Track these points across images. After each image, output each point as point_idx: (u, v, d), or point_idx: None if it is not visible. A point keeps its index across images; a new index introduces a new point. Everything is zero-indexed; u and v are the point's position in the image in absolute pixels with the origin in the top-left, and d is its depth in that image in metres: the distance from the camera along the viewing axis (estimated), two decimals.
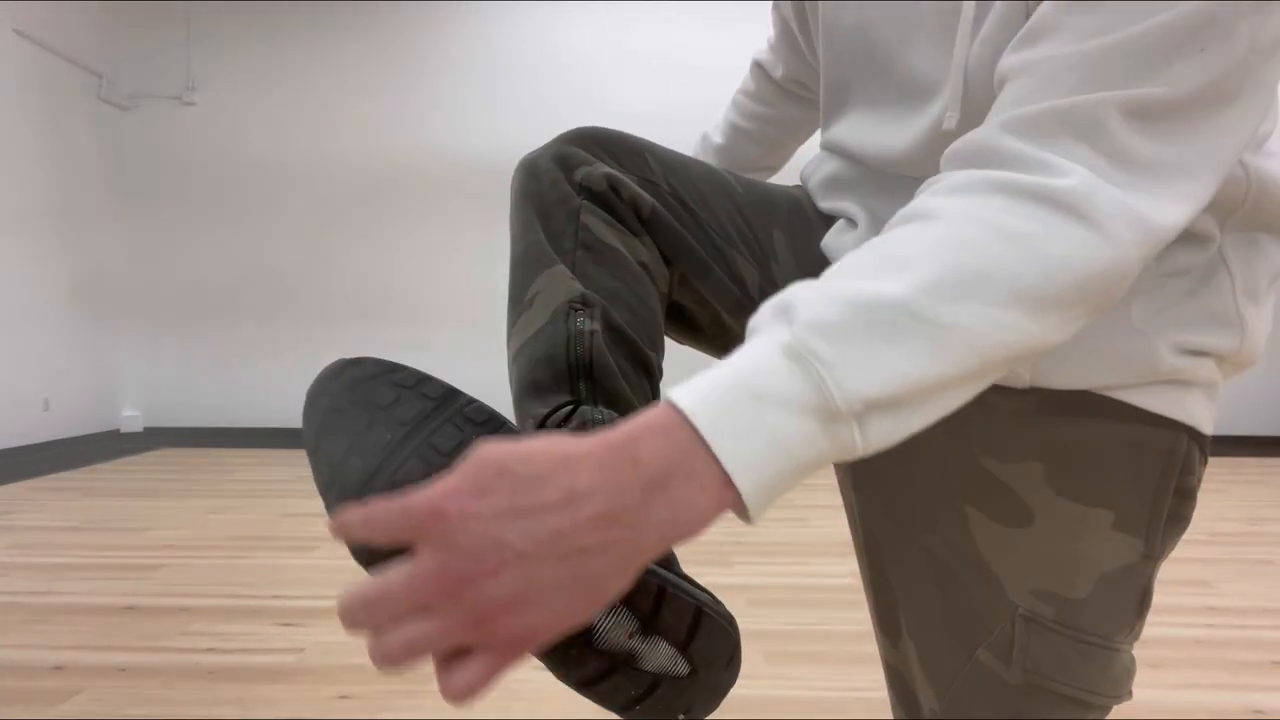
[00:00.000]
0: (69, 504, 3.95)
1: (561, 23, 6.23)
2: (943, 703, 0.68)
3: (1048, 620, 0.63)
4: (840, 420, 0.42)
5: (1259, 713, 1.80)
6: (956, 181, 0.49)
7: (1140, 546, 0.64)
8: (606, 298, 0.66)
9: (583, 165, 0.74)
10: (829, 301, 0.44)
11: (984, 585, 0.65)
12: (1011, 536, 0.64)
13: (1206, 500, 3.34)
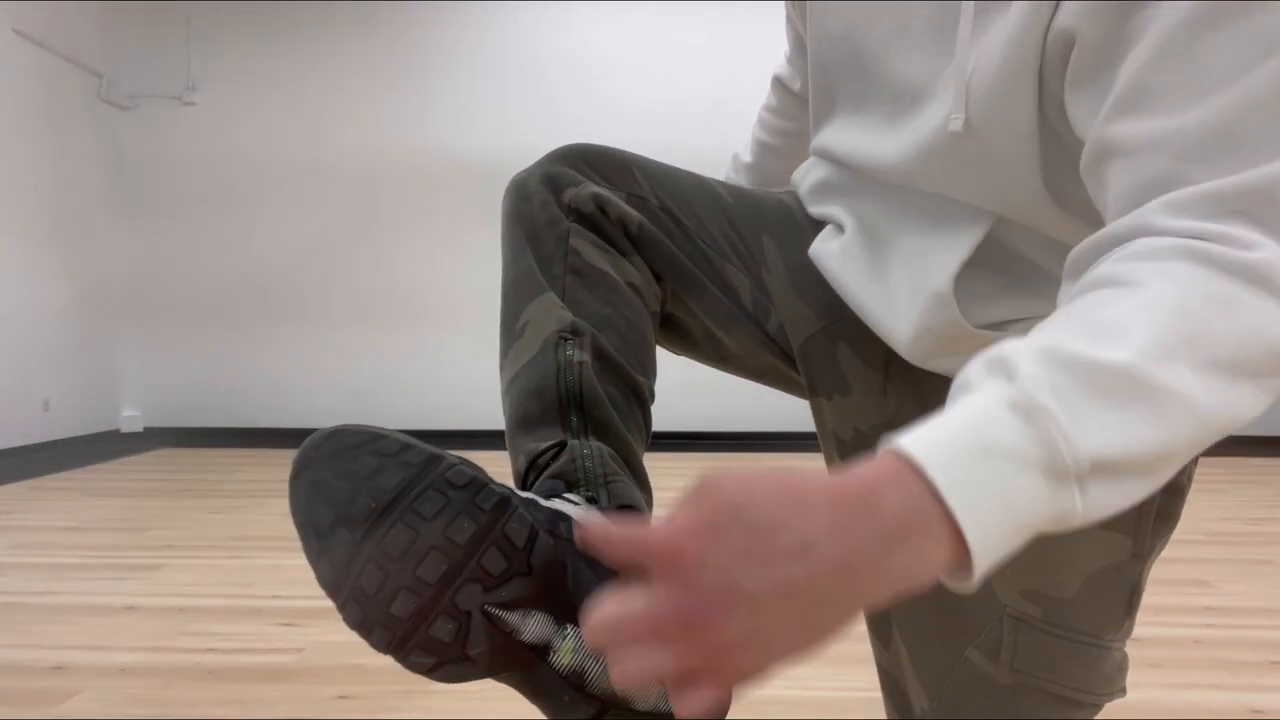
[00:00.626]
0: (69, 504, 3.95)
1: (562, 23, 6.23)
2: (934, 703, 0.67)
3: (1036, 620, 0.63)
4: (1066, 480, 0.41)
5: (1259, 713, 1.80)
6: (1140, 249, 0.47)
7: (1129, 545, 0.66)
8: (596, 324, 0.67)
9: (571, 186, 0.74)
10: (1050, 362, 0.42)
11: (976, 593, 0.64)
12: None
13: (1206, 500, 3.39)
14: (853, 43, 0.71)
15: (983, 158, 0.58)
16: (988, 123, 0.55)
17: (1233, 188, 0.45)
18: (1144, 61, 0.48)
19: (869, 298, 0.68)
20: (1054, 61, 0.53)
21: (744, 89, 6.84)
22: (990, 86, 0.56)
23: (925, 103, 0.63)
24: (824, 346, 0.76)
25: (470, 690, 1.89)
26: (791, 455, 5.62)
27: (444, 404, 6.29)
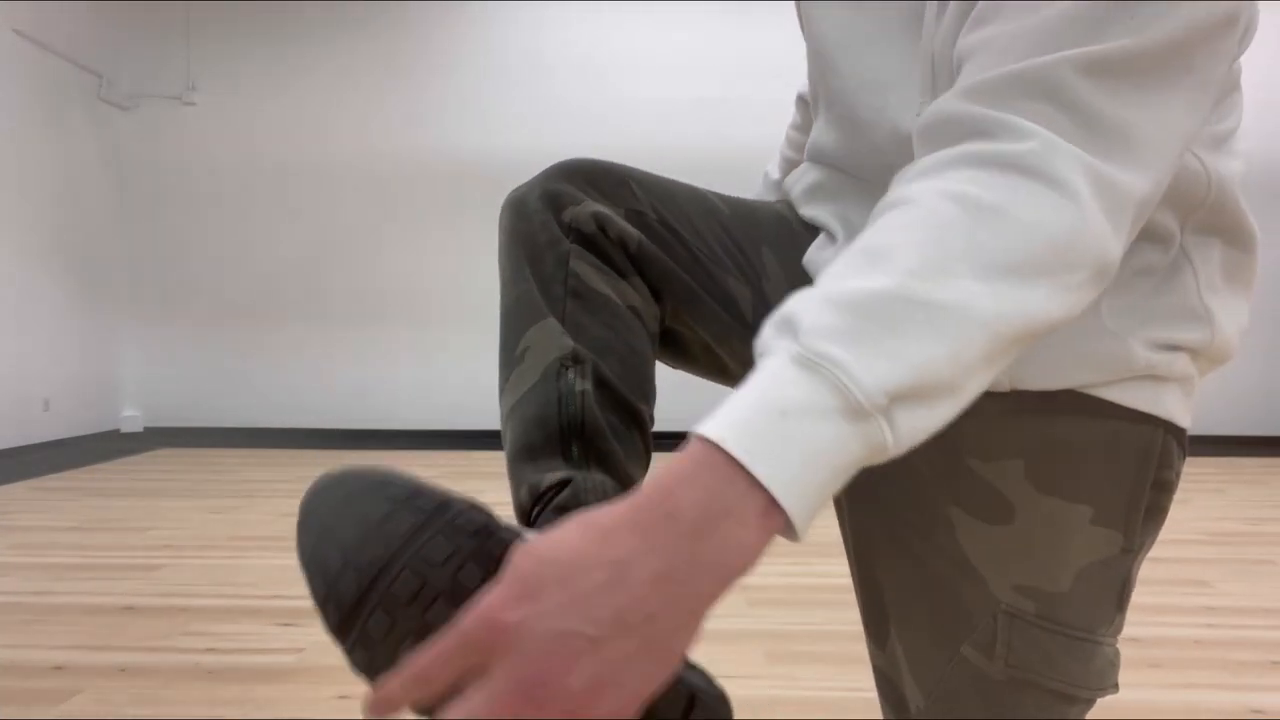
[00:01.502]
0: (69, 504, 3.95)
1: (562, 23, 6.23)
2: (929, 700, 0.68)
3: (1029, 615, 0.64)
4: (868, 418, 0.42)
5: (1259, 713, 1.81)
6: (924, 165, 0.48)
7: (1119, 540, 0.66)
8: (597, 351, 0.67)
9: (571, 204, 0.73)
10: (826, 306, 0.43)
11: (968, 583, 0.66)
12: (994, 533, 0.65)
13: (1206, 500, 3.39)
14: (834, 41, 0.73)
15: None
16: None
17: (1025, 68, 0.47)
18: None
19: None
20: None
21: (744, 89, 6.88)
22: (949, 75, 0.58)
23: (895, 94, 0.65)
24: None
25: None
26: None
27: (444, 404, 6.29)
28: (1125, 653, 2.18)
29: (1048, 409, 0.63)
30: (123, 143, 6.30)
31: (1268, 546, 3.27)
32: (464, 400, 6.28)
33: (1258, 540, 3.36)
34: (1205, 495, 4.28)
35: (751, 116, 6.10)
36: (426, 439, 6.15)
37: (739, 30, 6.14)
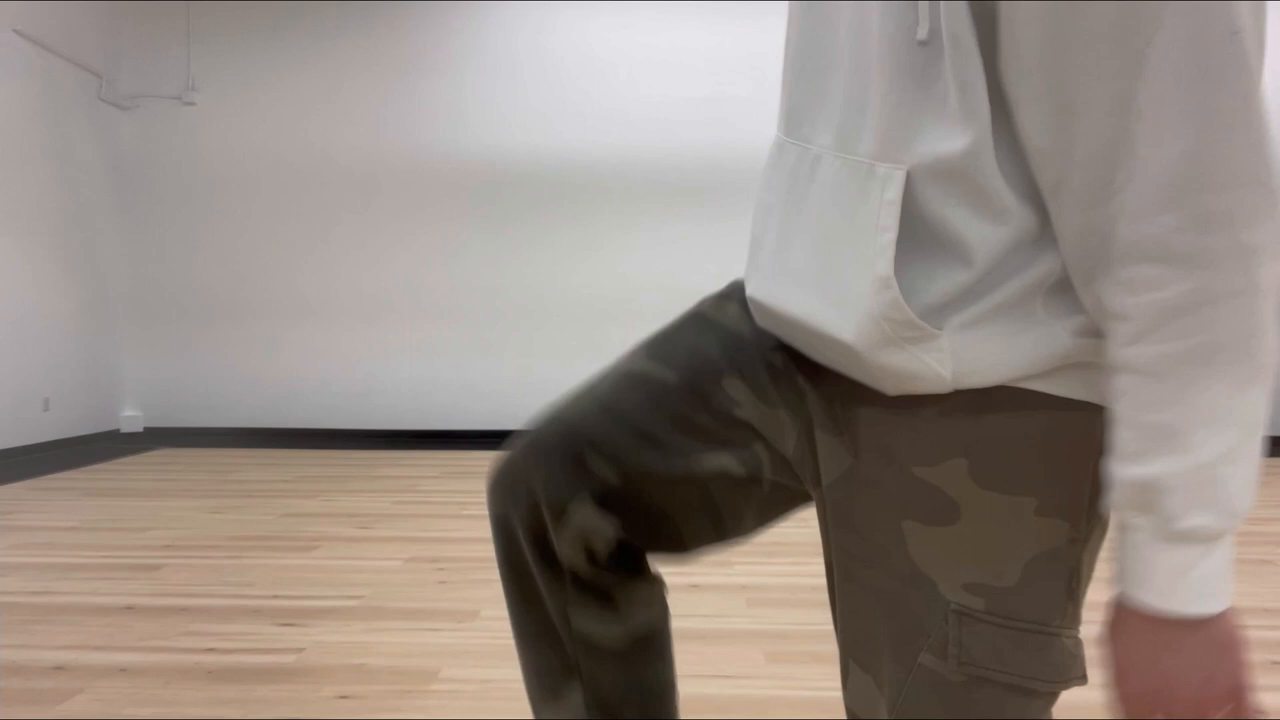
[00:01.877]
0: (69, 504, 3.95)
1: (563, 23, 6.23)
2: (895, 713, 0.67)
3: (979, 612, 0.64)
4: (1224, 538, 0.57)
5: (1259, 713, 1.80)
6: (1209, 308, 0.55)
7: (1066, 529, 0.64)
8: (619, 702, 0.77)
9: (555, 527, 0.76)
10: (1190, 485, 0.54)
11: (919, 591, 0.65)
12: (941, 535, 0.65)
13: None
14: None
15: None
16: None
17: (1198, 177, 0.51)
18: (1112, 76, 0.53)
19: (805, 309, 0.67)
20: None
21: (743, 89, 6.87)
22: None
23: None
24: (806, 443, 0.76)
25: (469, 691, 1.89)
26: None
27: (443, 404, 6.29)
28: None
29: (985, 406, 0.63)
30: (123, 143, 6.30)
31: (1268, 546, 3.27)
32: (464, 400, 6.28)
33: (1258, 540, 3.36)
34: None
35: (753, 116, 6.10)
36: (426, 439, 6.15)
37: (741, 32, 6.14)
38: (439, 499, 4.12)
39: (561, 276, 6.16)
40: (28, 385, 5.42)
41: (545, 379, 6.22)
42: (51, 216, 5.67)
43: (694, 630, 2.30)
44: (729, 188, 6.08)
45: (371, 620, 2.36)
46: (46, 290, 5.62)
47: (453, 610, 2.45)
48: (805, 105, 0.70)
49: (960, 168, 0.58)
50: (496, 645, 2.17)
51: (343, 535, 3.37)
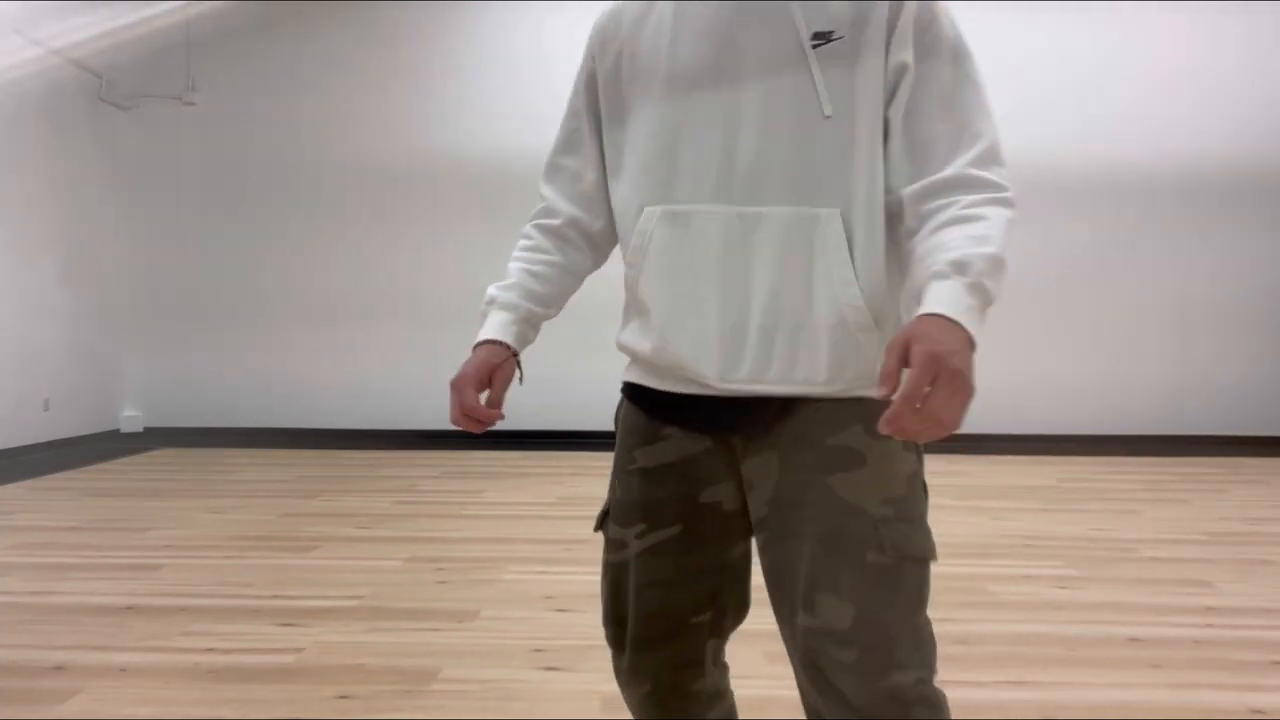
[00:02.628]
0: (69, 504, 3.95)
1: (563, 24, 6.23)
2: (857, 606, 0.92)
3: (893, 517, 0.95)
4: (989, 300, 0.89)
5: (1259, 713, 1.81)
6: (974, 200, 0.95)
7: (915, 454, 1.01)
8: None
9: (695, 679, 1.15)
10: (975, 260, 0.88)
11: (856, 518, 0.95)
12: (858, 476, 0.96)
13: (1206, 500, 3.40)
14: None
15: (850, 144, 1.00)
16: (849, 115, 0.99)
17: (986, 150, 0.98)
18: (943, 95, 1.00)
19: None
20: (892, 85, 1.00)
21: None
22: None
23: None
24: (737, 480, 1.07)
25: (469, 691, 1.90)
26: None
27: (443, 404, 6.29)
28: (1125, 653, 2.19)
29: (865, 394, 1.00)
30: (123, 143, 6.30)
31: (1268, 546, 3.27)
32: None
33: (1258, 540, 3.36)
34: (1205, 495, 4.28)
35: None
36: (426, 439, 6.15)
37: None
38: (439, 499, 4.12)
39: None
40: (28, 385, 5.43)
41: (545, 379, 6.22)
42: (52, 216, 5.67)
43: None
44: None
45: (371, 620, 2.36)
46: (46, 290, 5.62)
47: (453, 610, 2.45)
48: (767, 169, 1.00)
49: (870, 208, 1.02)
50: (496, 645, 2.18)
51: (343, 535, 3.37)
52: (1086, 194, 6.14)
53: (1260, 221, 6.15)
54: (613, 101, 1.09)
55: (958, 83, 0.99)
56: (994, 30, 6.13)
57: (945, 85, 0.99)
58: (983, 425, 6.16)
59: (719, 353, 0.98)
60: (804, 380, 0.98)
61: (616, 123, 1.09)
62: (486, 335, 1.09)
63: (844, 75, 0.98)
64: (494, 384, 1.08)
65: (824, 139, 0.98)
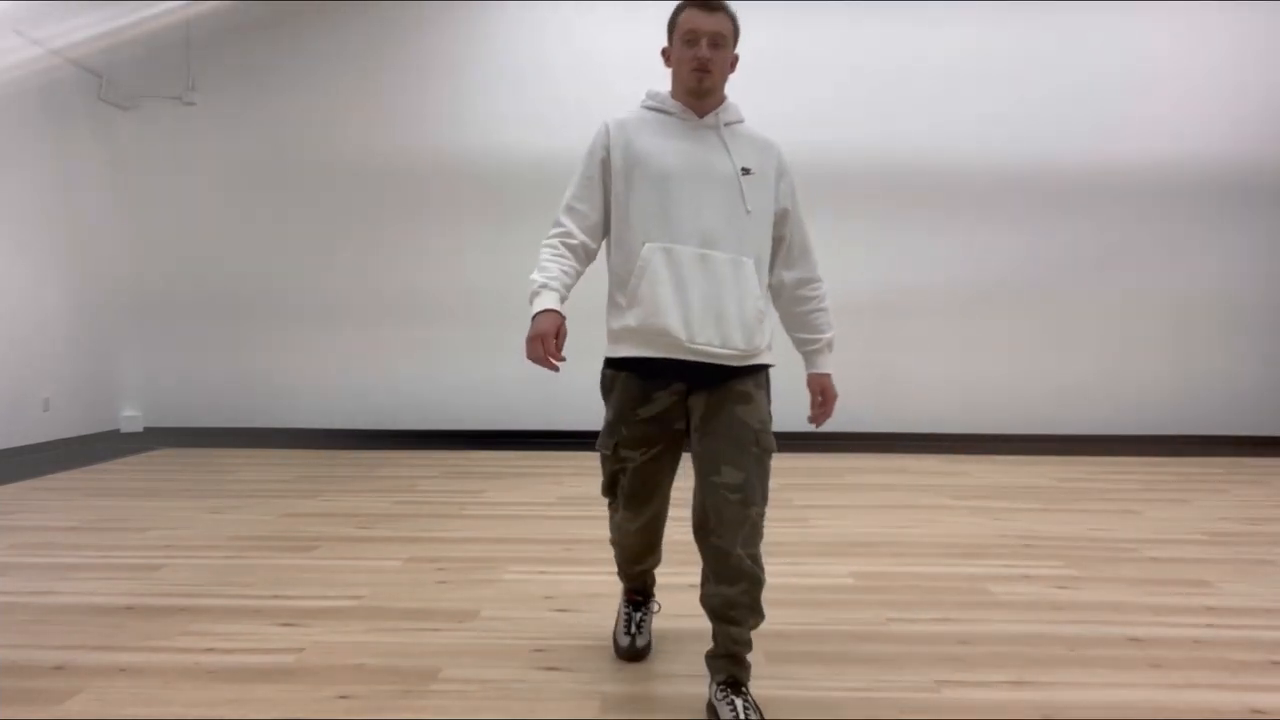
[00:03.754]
0: (69, 504, 3.95)
1: (563, 24, 6.23)
2: (743, 472, 1.75)
3: (762, 430, 1.79)
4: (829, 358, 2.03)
5: (1259, 713, 1.81)
6: (820, 288, 2.00)
7: (768, 401, 1.86)
8: None
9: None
10: (829, 341, 2.01)
11: (745, 429, 1.77)
12: (748, 408, 1.79)
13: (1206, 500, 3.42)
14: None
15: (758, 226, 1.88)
16: (758, 210, 1.86)
17: (816, 265, 2.00)
18: (799, 225, 1.97)
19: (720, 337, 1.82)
20: (779, 199, 1.92)
21: (741, 91, 6.83)
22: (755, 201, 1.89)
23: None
24: (684, 407, 1.87)
25: (469, 691, 1.90)
26: (802, 455, 5.62)
27: (443, 404, 6.29)
28: (1125, 653, 2.19)
29: (760, 361, 1.85)
30: (123, 143, 6.30)
31: (1268, 546, 3.27)
32: (463, 400, 6.28)
33: (1258, 540, 3.37)
34: (1205, 495, 4.28)
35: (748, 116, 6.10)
36: (426, 439, 6.15)
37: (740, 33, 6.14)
38: (439, 499, 4.13)
39: None
40: (28, 385, 5.43)
41: (544, 379, 6.22)
42: (51, 216, 5.67)
43: (694, 630, 2.30)
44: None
45: (371, 620, 2.36)
46: (46, 290, 5.62)
47: (453, 610, 2.45)
48: (704, 230, 1.80)
49: (763, 266, 1.89)
50: (496, 645, 2.18)
51: (343, 535, 3.37)
52: (1085, 194, 6.14)
53: (1260, 221, 6.15)
54: (620, 179, 1.87)
55: (803, 220, 1.99)
56: (994, 32, 6.13)
57: (800, 220, 1.98)
58: (983, 425, 6.17)
59: (686, 324, 1.78)
60: (733, 347, 1.80)
61: (624, 191, 1.86)
62: (545, 306, 1.74)
63: (755, 192, 1.87)
64: (559, 335, 1.71)
65: (745, 223, 1.84)
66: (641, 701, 1.84)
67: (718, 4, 1.84)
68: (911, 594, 2.63)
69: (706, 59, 1.83)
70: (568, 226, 1.87)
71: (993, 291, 6.17)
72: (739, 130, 1.92)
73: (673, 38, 1.90)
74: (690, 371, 1.79)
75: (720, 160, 1.84)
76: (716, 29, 1.83)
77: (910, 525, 3.60)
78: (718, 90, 1.90)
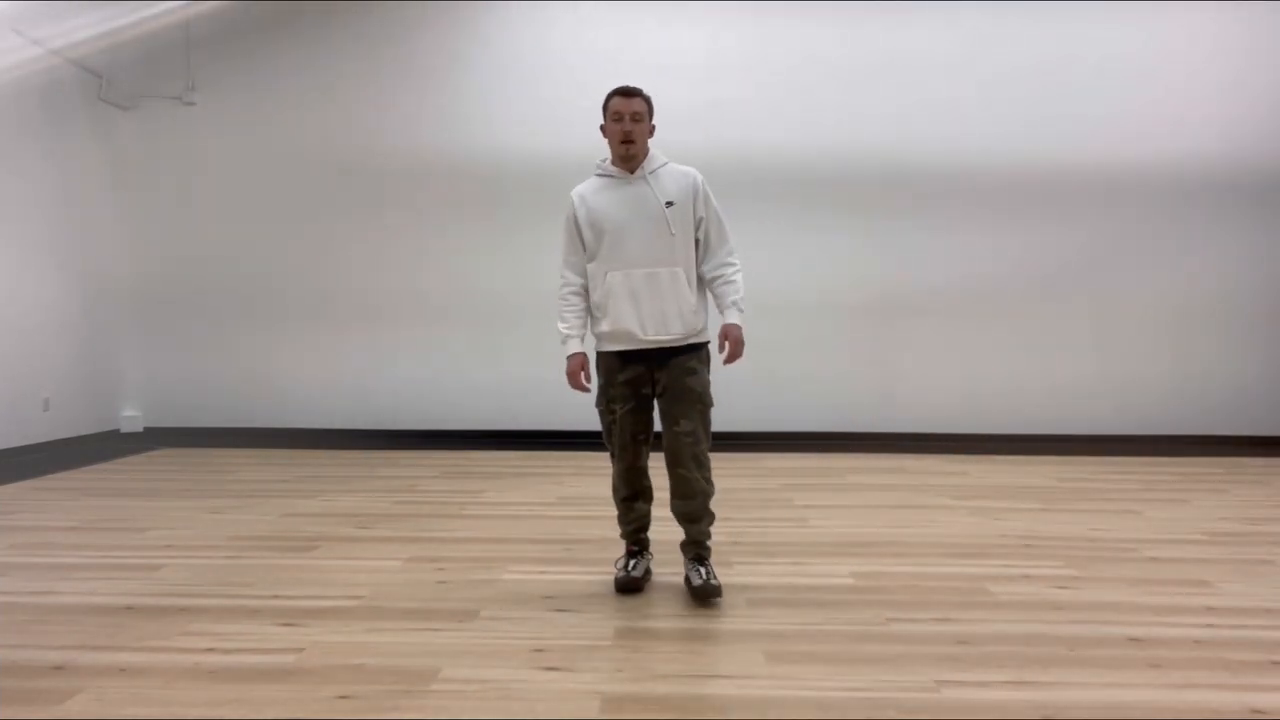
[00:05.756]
0: (69, 504, 3.95)
1: (562, 25, 6.23)
2: (693, 424, 2.57)
3: (704, 392, 2.61)
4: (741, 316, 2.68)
5: (1259, 713, 1.81)
6: (734, 269, 2.67)
7: (708, 374, 2.65)
8: None
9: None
10: (740, 303, 2.66)
11: (694, 392, 2.58)
12: (695, 378, 2.60)
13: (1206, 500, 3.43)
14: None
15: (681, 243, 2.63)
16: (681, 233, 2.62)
17: (730, 251, 2.69)
18: (717, 225, 2.69)
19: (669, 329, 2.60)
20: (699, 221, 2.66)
21: (740, 91, 6.85)
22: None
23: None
24: (651, 380, 2.63)
25: (469, 691, 1.90)
26: (802, 455, 5.62)
27: (443, 404, 6.29)
28: (1125, 653, 2.19)
29: (703, 341, 2.65)
30: (123, 143, 6.30)
31: (1268, 546, 3.27)
32: (463, 400, 6.28)
33: (1258, 540, 3.37)
34: (1205, 495, 4.28)
35: (748, 118, 6.10)
36: (426, 439, 6.15)
37: (737, 35, 6.14)
38: (439, 499, 4.13)
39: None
40: (28, 385, 5.43)
41: (544, 379, 6.20)
42: (51, 216, 5.67)
43: (694, 630, 2.30)
44: (732, 187, 6.07)
45: (371, 620, 2.36)
46: (46, 290, 5.63)
47: (453, 610, 2.45)
48: (645, 256, 2.59)
49: (690, 269, 2.63)
50: (496, 645, 2.18)
51: (343, 535, 3.37)
52: (1085, 194, 6.14)
53: (1259, 221, 6.15)
54: (589, 232, 2.62)
55: (720, 221, 2.66)
56: (995, 35, 6.13)
57: (718, 221, 2.65)
58: (983, 425, 6.17)
59: (640, 324, 2.56)
60: (674, 333, 2.55)
61: (592, 238, 2.61)
62: (573, 350, 2.63)
63: (678, 217, 2.58)
64: (585, 369, 2.65)
65: (673, 243, 2.58)
66: (641, 701, 1.84)
67: (634, 90, 2.60)
68: (911, 594, 2.63)
69: (630, 131, 2.55)
70: (569, 277, 2.68)
71: (993, 291, 6.17)
72: (662, 174, 2.63)
73: (605, 117, 2.60)
74: (648, 355, 2.59)
75: (651, 202, 2.58)
76: (635, 109, 2.55)
77: (910, 525, 3.60)
78: (640, 153, 2.60)
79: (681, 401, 2.55)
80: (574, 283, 2.65)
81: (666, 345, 2.55)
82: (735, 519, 3.63)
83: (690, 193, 2.60)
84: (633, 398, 2.59)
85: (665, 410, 2.59)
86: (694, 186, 2.62)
